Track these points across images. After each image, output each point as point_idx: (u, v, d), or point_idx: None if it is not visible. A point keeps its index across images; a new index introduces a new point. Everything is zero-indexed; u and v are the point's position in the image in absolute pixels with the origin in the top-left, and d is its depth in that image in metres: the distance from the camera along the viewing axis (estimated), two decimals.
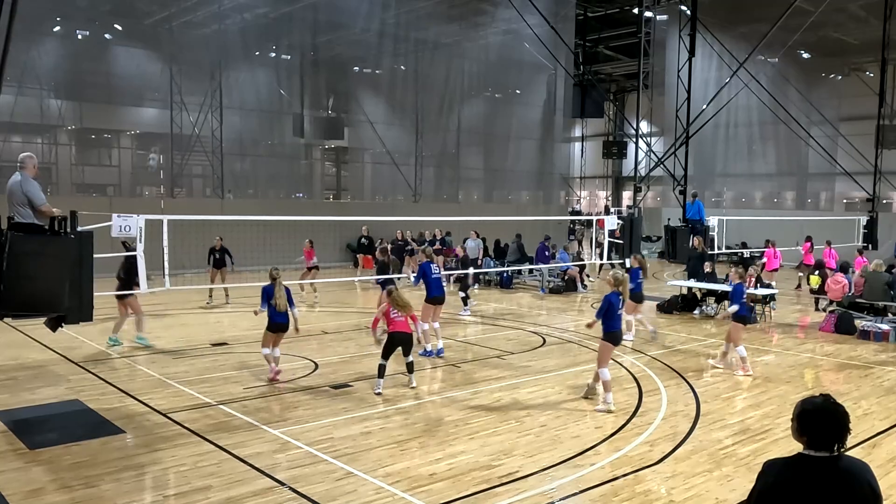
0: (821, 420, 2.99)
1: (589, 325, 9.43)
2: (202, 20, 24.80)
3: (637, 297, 13.11)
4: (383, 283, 13.57)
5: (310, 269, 16.58)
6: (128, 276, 11.52)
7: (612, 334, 8.98)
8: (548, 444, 7.46)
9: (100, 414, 8.32)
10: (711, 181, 33.48)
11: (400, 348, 9.46)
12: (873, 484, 2.95)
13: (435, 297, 11.98)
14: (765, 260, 19.96)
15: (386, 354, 9.37)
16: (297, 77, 28.30)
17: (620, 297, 8.99)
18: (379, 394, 9.07)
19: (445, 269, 21.79)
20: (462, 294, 16.53)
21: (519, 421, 8.26)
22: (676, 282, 17.85)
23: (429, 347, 11.63)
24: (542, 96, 33.52)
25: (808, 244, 20.69)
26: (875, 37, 22.25)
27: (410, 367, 9.64)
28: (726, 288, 16.20)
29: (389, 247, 19.45)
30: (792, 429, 3.09)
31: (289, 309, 9.85)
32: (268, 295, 9.79)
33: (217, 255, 16.24)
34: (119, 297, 11.80)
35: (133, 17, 24.56)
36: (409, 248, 22.39)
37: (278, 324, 9.88)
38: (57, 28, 23.57)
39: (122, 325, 12.09)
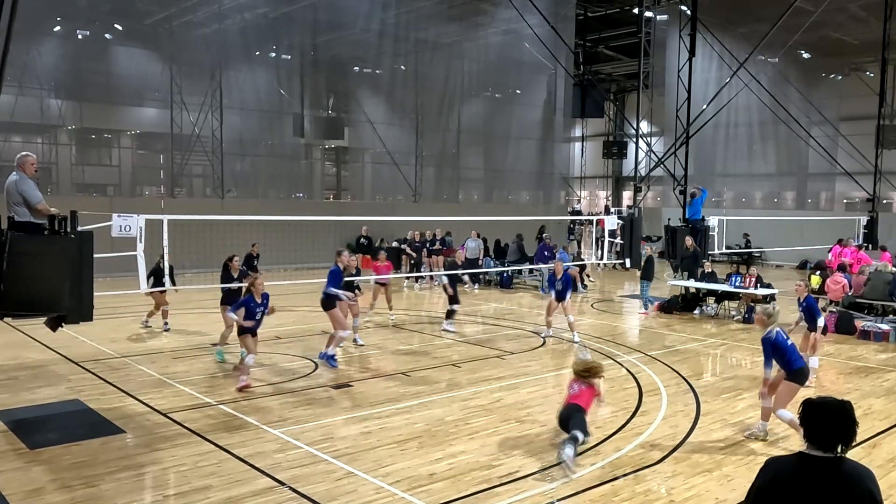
0: (821, 415, 2.99)
1: (763, 394, 7.80)
2: (202, 20, 24.79)
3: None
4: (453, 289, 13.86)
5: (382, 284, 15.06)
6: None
7: (799, 372, 7.56)
8: (548, 445, 7.45)
9: (100, 414, 8.32)
10: (711, 181, 33.38)
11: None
12: (874, 491, 2.90)
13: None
14: (831, 257, 19.44)
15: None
16: (297, 77, 28.27)
17: (778, 329, 7.60)
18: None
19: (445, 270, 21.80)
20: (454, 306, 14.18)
21: (519, 421, 8.26)
22: (677, 282, 17.85)
23: (330, 351, 10.95)
24: (542, 96, 33.50)
25: (838, 248, 20.52)
26: (875, 37, 22.24)
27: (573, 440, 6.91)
28: (727, 288, 16.24)
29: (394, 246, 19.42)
30: (798, 420, 3.12)
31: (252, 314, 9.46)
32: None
33: (256, 262, 16.18)
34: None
35: (133, 17, 24.53)
36: (436, 247, 22.38)
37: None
38: (57, 28, 23.55)
39: (227, 335, 11.28)
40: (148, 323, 13.69)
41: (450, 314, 14.05)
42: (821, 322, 10.54)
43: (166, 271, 10.25)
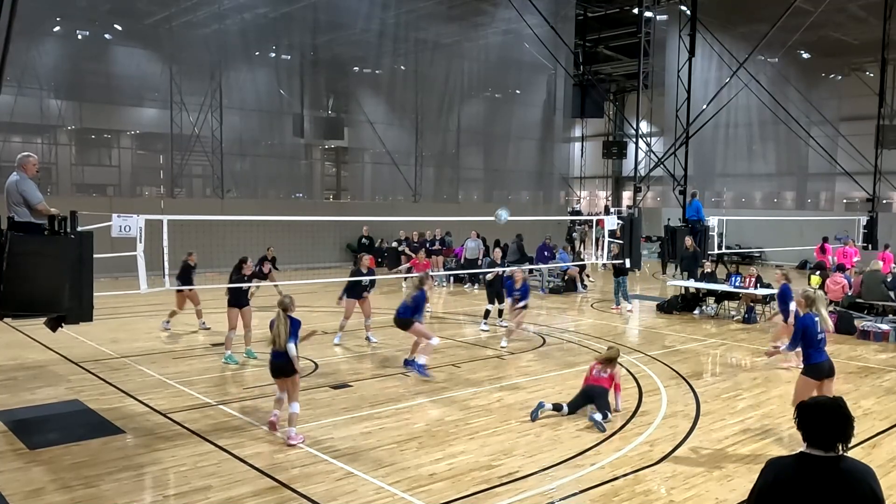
0: (816, 415, 3.00)
1: (769, 354, 7.85)
2: (202, 20, 24.78)
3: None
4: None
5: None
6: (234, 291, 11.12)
7: (815, 367, 7.41)
8: (548, 444, 7.46)
9: (100, 414, 8.32)
10: (711, 181, 33.46)
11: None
12: (875, 488, 2.91)
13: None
14: (833, 259, 19.17)
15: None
16: (297, 77, 28.26)
17: (818, 319, 7.43)
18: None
19: (445, 269, 21.80)
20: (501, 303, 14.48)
21: (519, 421, 8.26)
22: (676, 282, 17.86)
23: (424, 361, 10.33)
24: (541, 96, 33.49)
25: (829, 246, 20.49)
26: (875, 37, 22.24)
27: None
28: (726, 288, 16.24)
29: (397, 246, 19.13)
30: (795, 424, 3.11)
31: (288, 346, 7.44)
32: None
33: (269, 264, 16.25)
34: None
35: (133, 17, 24.52)
36: (435, 247, 22.43)
37: (273, 364, 7.66)
38: (57, 28, 23.55)
39: (232, 339, 11.06)
40: (204, 324, 13.74)
41: (500, 312, 14.74)
42: (792, 306, 10.61)
43: (166, 270, 10.17)
